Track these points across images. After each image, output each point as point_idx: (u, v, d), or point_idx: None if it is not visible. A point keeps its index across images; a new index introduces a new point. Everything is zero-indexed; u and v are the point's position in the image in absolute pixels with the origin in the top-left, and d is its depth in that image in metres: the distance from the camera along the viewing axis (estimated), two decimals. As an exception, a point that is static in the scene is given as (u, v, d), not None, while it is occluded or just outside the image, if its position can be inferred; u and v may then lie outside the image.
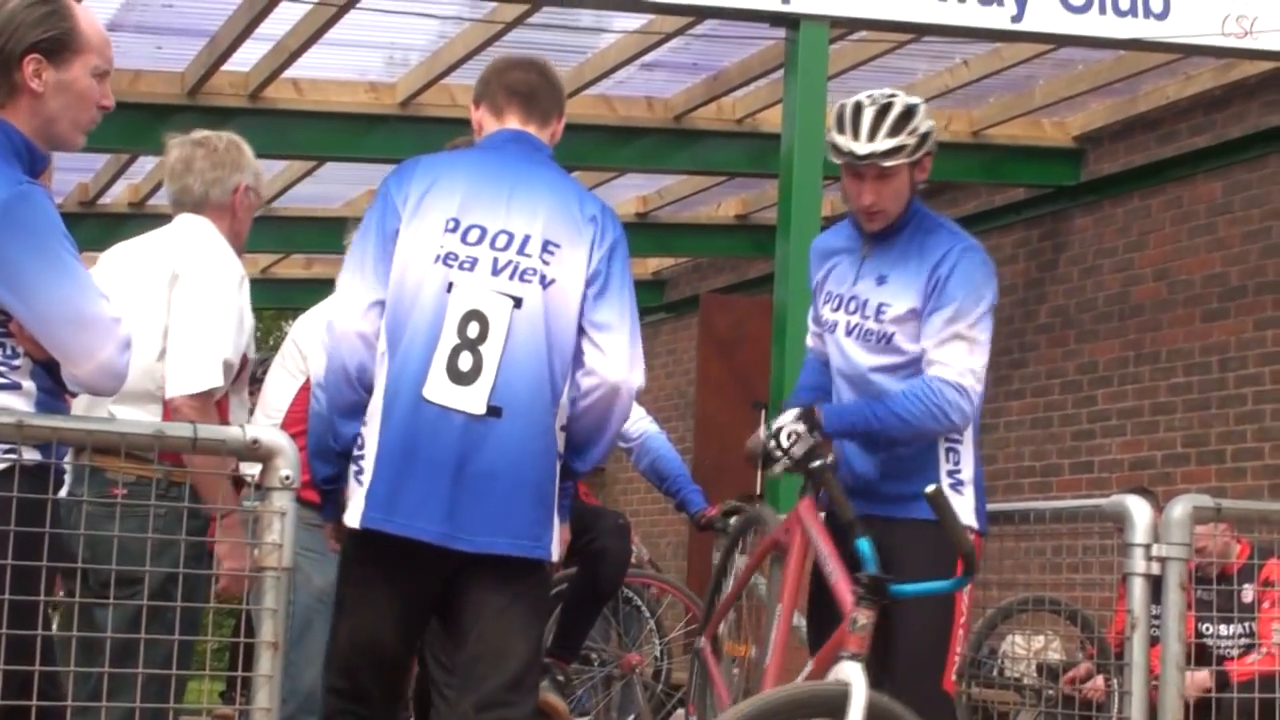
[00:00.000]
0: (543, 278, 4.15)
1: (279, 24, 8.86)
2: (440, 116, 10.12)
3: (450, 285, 4.11)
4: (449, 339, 4.08)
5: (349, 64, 9.79)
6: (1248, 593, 7.30)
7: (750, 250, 13.35)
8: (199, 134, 5.01)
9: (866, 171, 4.57)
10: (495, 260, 4.13)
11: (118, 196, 11.96)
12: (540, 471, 4.15)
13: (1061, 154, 10.99)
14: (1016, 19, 7.93)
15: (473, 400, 4.06)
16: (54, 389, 3.68)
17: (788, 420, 4.54)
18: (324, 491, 4.34)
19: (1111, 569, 4.76)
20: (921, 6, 7.80)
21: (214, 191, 4.88)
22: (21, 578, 3.51)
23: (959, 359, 4.51)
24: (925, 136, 4.58)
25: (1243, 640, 7.33)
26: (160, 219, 5.13)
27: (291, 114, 10.00)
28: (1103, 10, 7.98)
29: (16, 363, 3.61)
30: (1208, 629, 7.29)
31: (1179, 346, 10.05)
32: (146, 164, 11.24)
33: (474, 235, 4.15)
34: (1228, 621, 7.24)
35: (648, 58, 9.60)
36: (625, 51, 9.49)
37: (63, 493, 3.81)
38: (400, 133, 10.23)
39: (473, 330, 4.09)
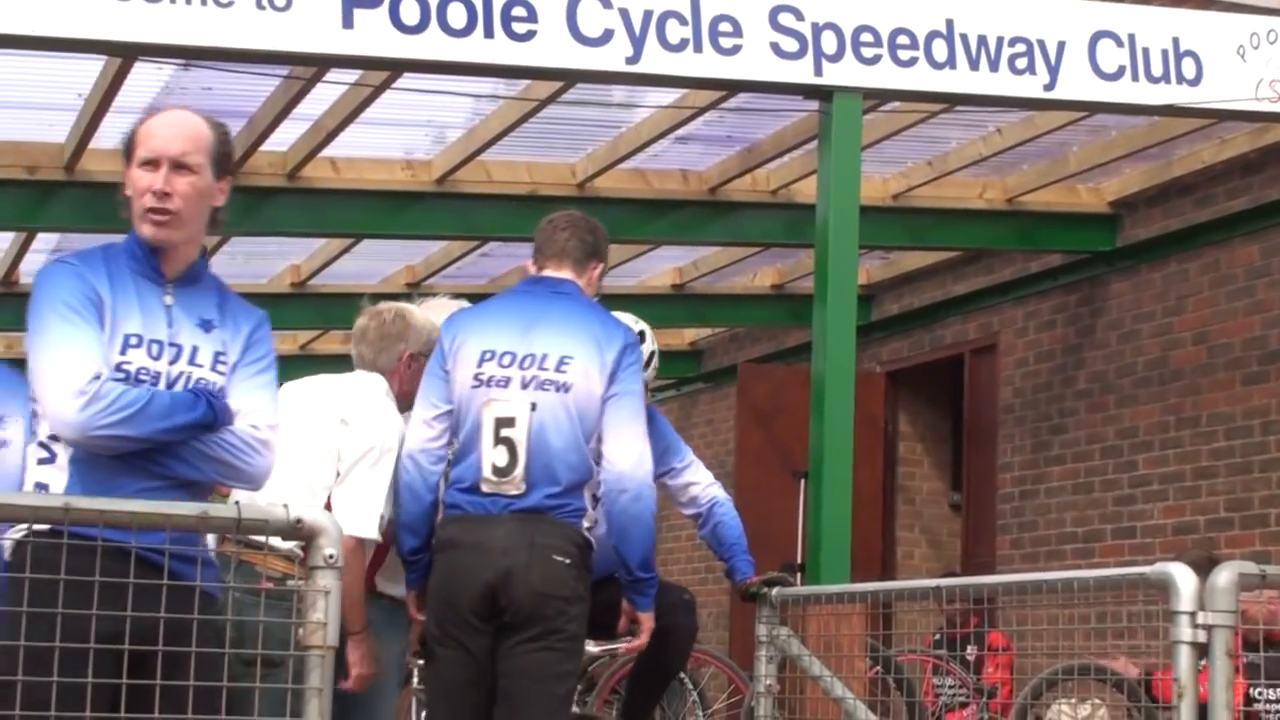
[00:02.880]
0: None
1: (316, 104, 8.94)
2: (476, 193, 10.20)
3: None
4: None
5: (385, 142, 9.86)
6: (1297, 657, 7.26)
7: (787, 319, 13.37)
8: (376, 306, 5.67)
9: None
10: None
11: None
12: None
13: (1097, 219, 10.99)
14: (1049, 87, 7.95)
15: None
16: (86, 456, 3.89)
17: None
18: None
19: (1157, 635, 4.73)
20: (954, 76, 7.83)
21: (381, 359, 5.47)
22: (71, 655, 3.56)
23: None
24: None
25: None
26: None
27: (329, 192, 10.08)
28: (1135, 77, 8.00)
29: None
30: (1260, 694, 7.24)
31: (1220, 410, 10.01)
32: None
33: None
34: (1276, 686, 7.19)
35: (682, 131, 9.65)
36: (659, 125, 9.54)
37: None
38: (436, 209, 10.31)
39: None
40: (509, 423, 5.16)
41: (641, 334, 6.55)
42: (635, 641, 5.66)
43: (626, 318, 6.65)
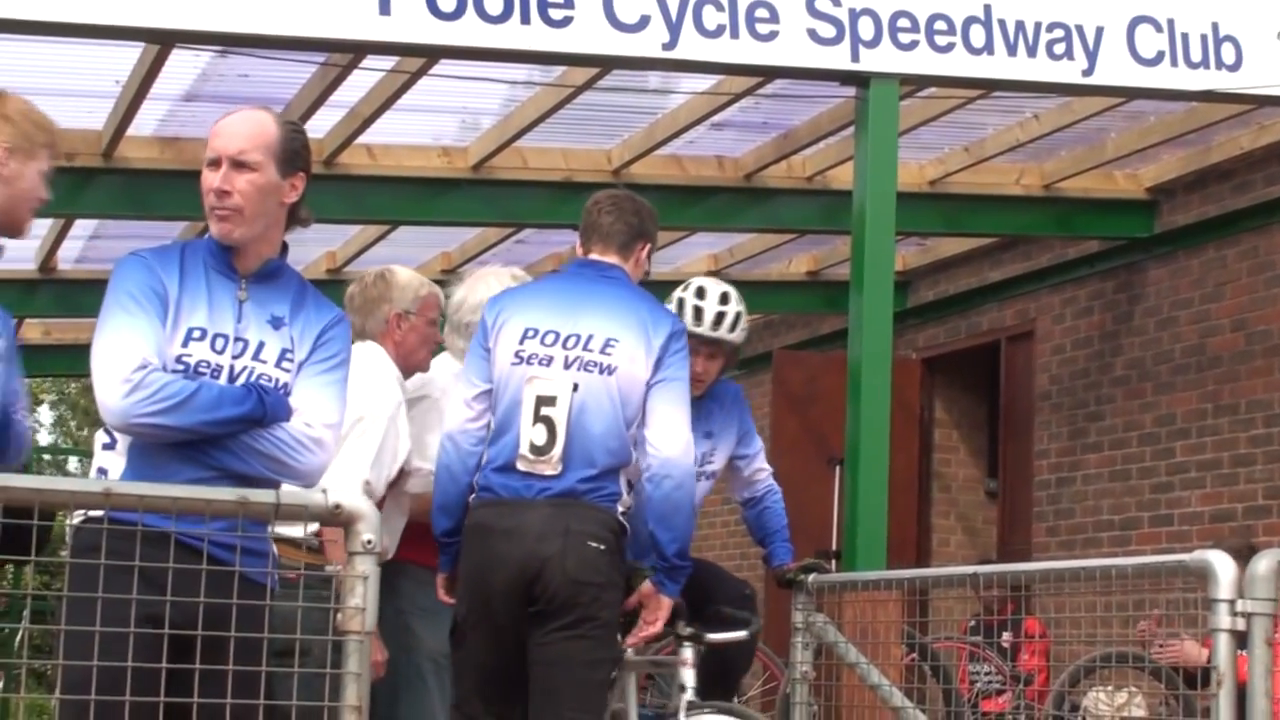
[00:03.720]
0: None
1: (352, 91, 8.95)
2: (512, 179, 10.21)
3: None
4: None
5: (421, 129, 9.87)
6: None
7: (822, 306, 13.35)
8: (362, 272, 5.67)
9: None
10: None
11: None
12: None
13: (1135, 206, 10.94)
14: (1087, 73, 7.92)
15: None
16: (143, 443, 3.98)
17: None
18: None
19: (1195, 623, 4.71)
20: (991, 62, 7.80)
21: (369, 324, 5.47)
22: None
23: None
24: None
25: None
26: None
27: (365, 179, 10.09)
28: (1174, 62, 7.96)
29: None
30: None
31: (1258, 397, 9.96)
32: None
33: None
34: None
35: (717, 117, 9.64)
36: (695, 112, 9.53)
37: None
38: (472, 196, 10.31)
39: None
40: (550, 401, 5.12)
41: (729, 296, 6.84)
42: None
43: (711, 282, 6.75)
